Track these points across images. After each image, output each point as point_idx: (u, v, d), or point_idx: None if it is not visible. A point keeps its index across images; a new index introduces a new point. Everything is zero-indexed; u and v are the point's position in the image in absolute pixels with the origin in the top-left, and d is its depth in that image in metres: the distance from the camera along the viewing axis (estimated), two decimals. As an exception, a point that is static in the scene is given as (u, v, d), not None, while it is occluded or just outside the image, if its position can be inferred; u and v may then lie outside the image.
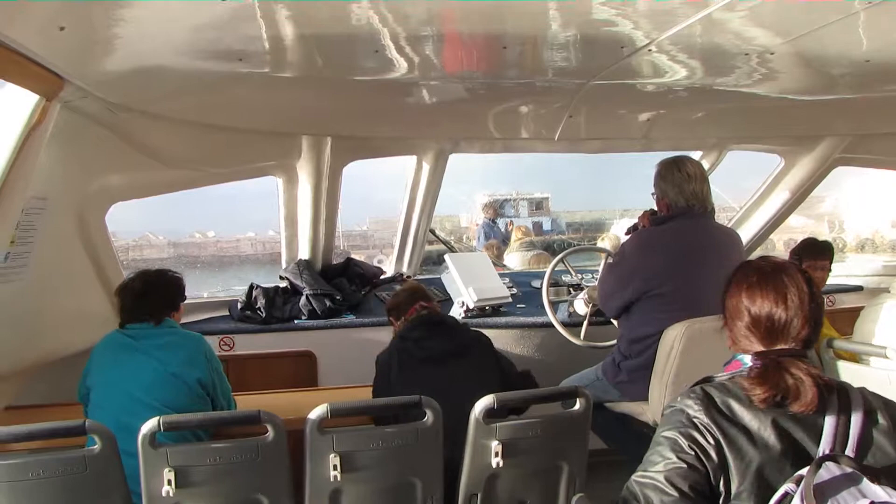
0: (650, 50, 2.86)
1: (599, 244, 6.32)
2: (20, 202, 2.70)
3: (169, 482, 2.35)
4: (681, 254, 3.32)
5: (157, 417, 2.38)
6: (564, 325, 4.30)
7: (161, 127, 3.45)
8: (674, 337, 3.10)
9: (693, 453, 1.64)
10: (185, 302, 3.29)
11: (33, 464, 2.34)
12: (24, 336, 3.29)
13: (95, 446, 2.36)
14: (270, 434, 2.43)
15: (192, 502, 2.43)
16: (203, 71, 2.95)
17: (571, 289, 4.89)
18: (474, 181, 14.35)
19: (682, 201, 3.39)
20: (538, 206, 19.54)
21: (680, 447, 1.65)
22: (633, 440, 3.35)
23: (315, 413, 2.45)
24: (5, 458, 2.35)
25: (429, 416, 2.55)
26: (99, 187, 3.58)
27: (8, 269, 2.88)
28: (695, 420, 1.67)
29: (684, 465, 1.63)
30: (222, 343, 4.36)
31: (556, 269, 4.51)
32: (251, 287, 4.71)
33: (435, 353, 3.13)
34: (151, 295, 3.05)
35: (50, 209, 3.08)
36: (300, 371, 4.48)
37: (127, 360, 2.87)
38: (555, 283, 4.82)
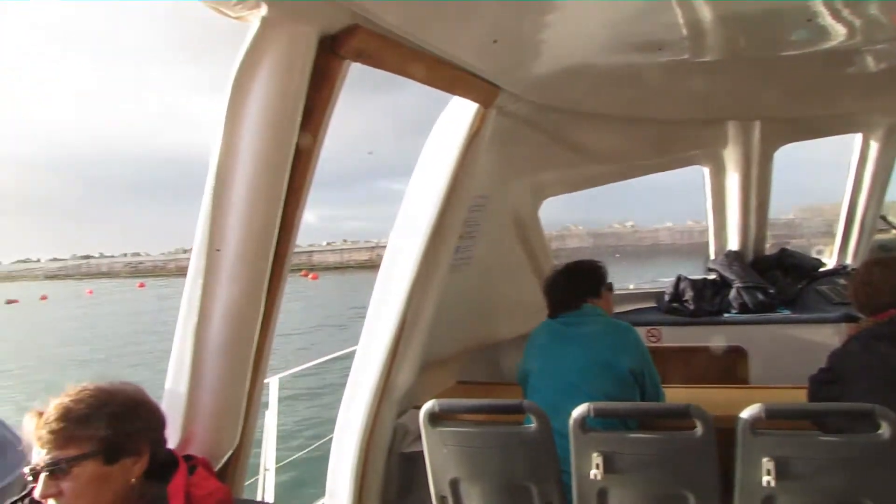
0: None
1: None
2: (467, 201, 2.98)
3: (597, 466, 2.41)
4: None
5: (588, 403, 2.45)
6: None
7: (587, 123, 3.55)
8: None
9: None
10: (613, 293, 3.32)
11: (479, 434, 2.63)
12: (471, 320, 3.67)
13: (532, 425, 2.53)
14: (699, 430, 2.34)
15: (618, 489, 2.45)
16: (624, 64, 2.95)
17: None
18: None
19: None
20: None
21: None
22: None
23: (748, 412, 2.28)
24: (457, 426, 2.66)
25: (884, 429, 2.20)
26: (532, 184, 3.83)
27: (457, 260, 3.21)
28: None
29: None
30: (649, 334, 4.35)
31: None
32: (678, 279, 4.61)
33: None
34: (570, 283, 3.15)
35: (490, 206, 3.37)
36: (728, 367, 4.25)
37: (560, 346, 3.00)
38: None
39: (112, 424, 1.55)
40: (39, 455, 1.53)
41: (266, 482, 3.92)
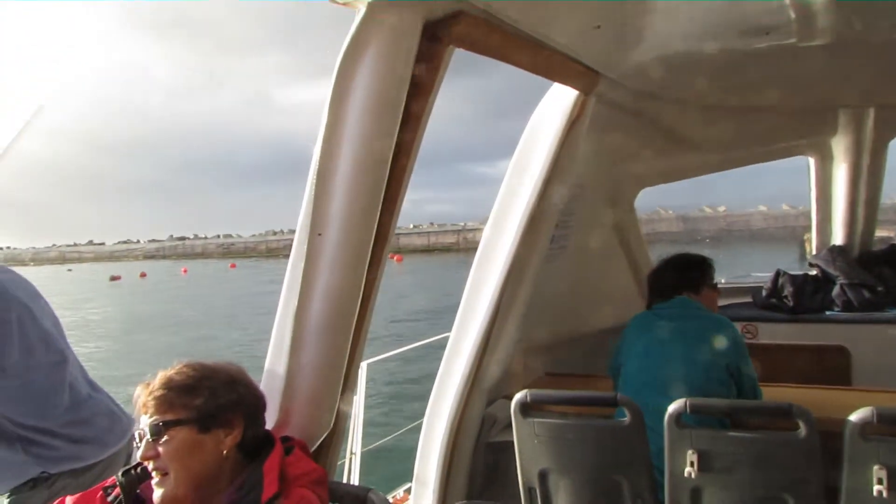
0: None
1: None
2: (564, 189, 2.94)
3: (692, 464, 2.37)
4: None
5: (685, 399, 2.40)
6: None
7: (688, 112, 3.44)
8: None
9: None
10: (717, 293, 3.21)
11: (571, 426, 2.62)
12: (562, 310, 3.63)
13: (625, 419, 2.50)
14: (802, 431, 2.26)
15: (714, 488, 2.40)
16: (728, 50, 2.83)
17: None
18: None
19: None
20: None
21: None
22: None
23: (858, 415, 2.18)
24: (548, 417, 2.66)
25: None
26: (629, 174, 3.75)
27: (552, 249, 3.18)
28: None
29: None
30: (744, 330, 4.21)
31: None
32: (777, 274, 4.44)
33: None
34: (670, 272, 3.10)
35: (586, 195, 3.32)
36: (830, 367, 4.07)
37: (656, 339, 2.94)
38: None
39: (209, 396, 1.66)
40: (144, 421, 1.65)
41: (353, 466, 4.00)
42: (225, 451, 1.67)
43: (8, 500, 2.55)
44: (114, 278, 63.26)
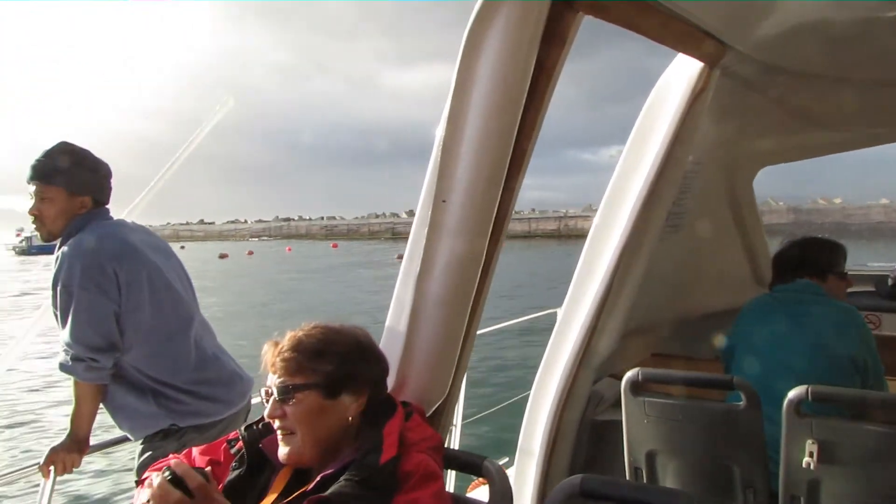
0: None
1: None
2: (682, 166, 2.84)
3: (811, 454, 2.27)
4: None
5: (806, 386, 2.29)
6: None
7: (817, 87, 3.25)
8: None
9: None
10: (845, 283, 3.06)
11: (683, 407, 2.55)
12: (673, 291, 3.54)
13: (741, 403, 2.41)
14: None
15: (834, 482, 2.29)
16: (865, 20, 2.65)
17: None
18: None
19: None
20: None
21: None
22: None
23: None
24: (659, 397, 2.61)
25: None
26: (749, 151, 3.60)
27: (667, 229, 3.09)
28: None
29: None
30: (866, 320, 3.99)
31: None
32: (904, 263, 4.18)
33: None
34: (793, 253, 2.98)
35: (703, 172, 3.20)
36: None
37: (775, 324, 2.83)
38: None
39: (337, 362, 1.68)
40: (271, 380, 1.69)
41: (454, 437, 4.03)
42: (350, 417, 1.70)
43: (141, 445, 2.71)
44: (222, 256, 68.37)
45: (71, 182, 2.69)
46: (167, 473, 1.46)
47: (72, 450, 2.67)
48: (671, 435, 2.57)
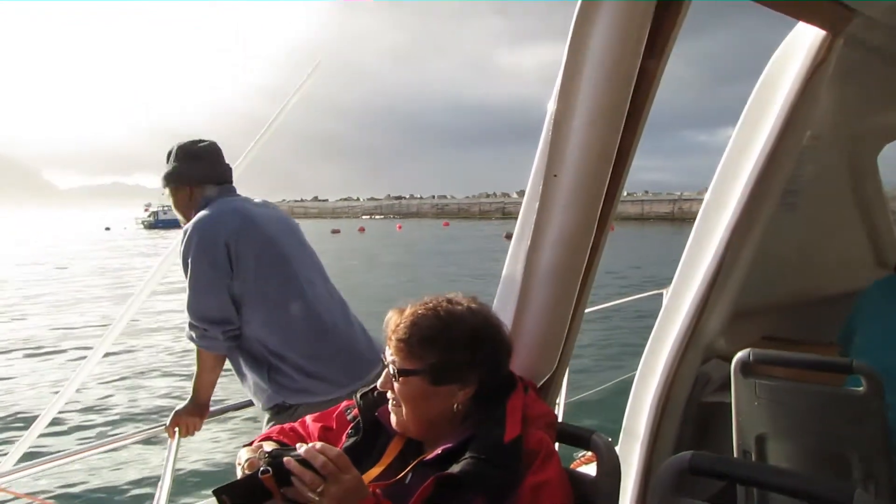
0: None
1: None
2: (799, 141, 2.73)
3: None
4: None
5: None
6: None
7: None
8: None
9: None
10: None
11: (797, 390, 2.46)
12: (786, 272, 3.41)
13: (860, 388, 2.31)
14: None
15: None
16: None
17: None
18: None
19: None
20: None
21: None
22: None
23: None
24: (772, 380, 2.51)
25: None
26: (873, 126, 3.40)
27: (781, 207, 2.98)
28: None
29: None
30: None
31: None
32: None
33: None
34: None
35: (822, 148, 3.06)
36: None
37: None
38: None
39: (446, 353, 1.65)
40: (387, 351, 1.71)
41: (559, 413, 4.04)
42: (456, 405, 1.69)
43: (267, 416, 2.86)
44: (334, 231, 72.11)
45: (179, 179, 2.93)
46: (264, 467, 1.44)
47: (193, 413, 2.85)
48: (783, 419, 2.49)
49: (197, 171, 2.93)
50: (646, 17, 1.64)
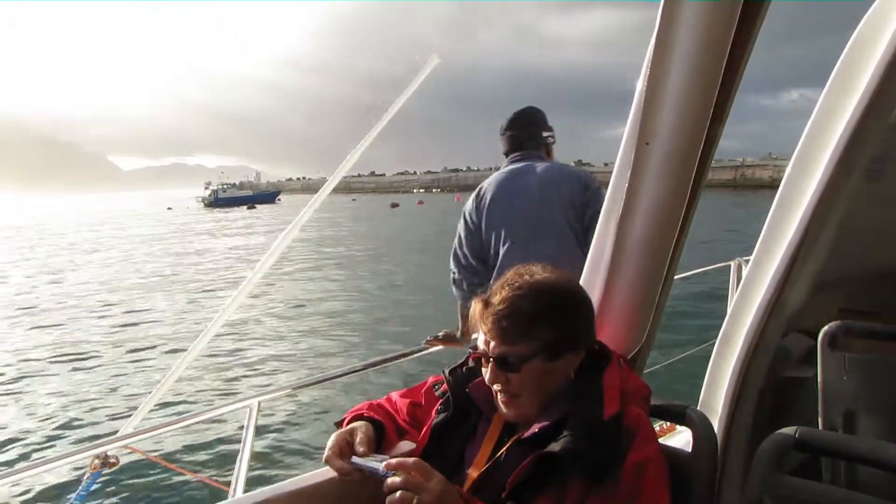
0: None
1: None
2: (890, 105, 2.61)
3: None
4: None
5: None
6: None
7: None
8: None
9: None
10: None
11: (890, 364, 2.42)
12: (870, 244, 3.29)
13: None
14: None
15: None
16: None
17: None
18: None
19: None
20: None
21: None
22: None
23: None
24: (862, 354, 2.48)
25: None
26: None
27: (869, 173, 2.87)
28: None
29: None
30: None
31: None
32: None
33: None
34: None
35: None
36: None
37: None
38: None
39: (558, 325, 1.64)
40: (482, 339, 1.66)
41: None
42: (572, 373, 1.68)
43: None
44: (394, 205, 73.75)
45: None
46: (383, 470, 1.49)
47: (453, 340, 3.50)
48: (875, 394, 2.40)
49: (503, 138, 3.93)
50: None
